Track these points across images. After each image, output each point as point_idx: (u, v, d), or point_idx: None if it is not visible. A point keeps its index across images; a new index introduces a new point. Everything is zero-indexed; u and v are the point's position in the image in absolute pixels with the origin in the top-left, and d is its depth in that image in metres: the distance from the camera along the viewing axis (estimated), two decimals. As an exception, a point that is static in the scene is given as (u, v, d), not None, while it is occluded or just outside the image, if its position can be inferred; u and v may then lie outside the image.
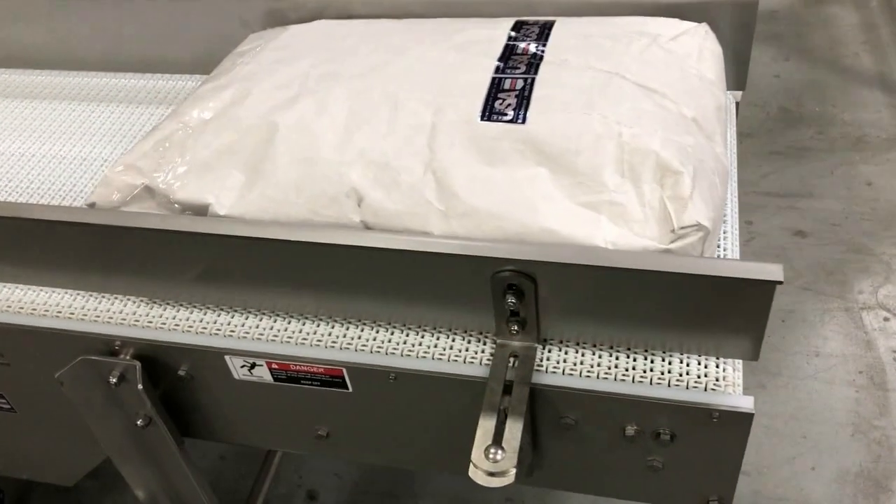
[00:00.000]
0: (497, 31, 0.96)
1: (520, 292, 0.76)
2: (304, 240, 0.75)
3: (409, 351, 0.86)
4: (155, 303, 0.95)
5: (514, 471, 0.74)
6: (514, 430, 0.76)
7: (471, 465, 0.74)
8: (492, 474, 0.73)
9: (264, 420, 0.98)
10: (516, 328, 0.80)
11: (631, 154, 0.77)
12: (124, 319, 0.93)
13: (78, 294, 0.97)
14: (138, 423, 0.96)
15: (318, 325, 0.90)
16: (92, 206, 0.89)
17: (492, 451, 0.75)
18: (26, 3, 1.29)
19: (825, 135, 2.42)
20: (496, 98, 0.84)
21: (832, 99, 2.56)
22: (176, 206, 0.86)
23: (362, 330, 0.88)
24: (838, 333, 1.81)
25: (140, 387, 0.90)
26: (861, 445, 1.58)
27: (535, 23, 0.97)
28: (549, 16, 1.02)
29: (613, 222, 0.75)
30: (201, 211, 0.84)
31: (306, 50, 0.98)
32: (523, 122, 0.81)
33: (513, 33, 0.95)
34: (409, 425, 0.91)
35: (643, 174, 0.76)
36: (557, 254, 0.71)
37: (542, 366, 0.83)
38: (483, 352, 0.85)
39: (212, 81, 0.97)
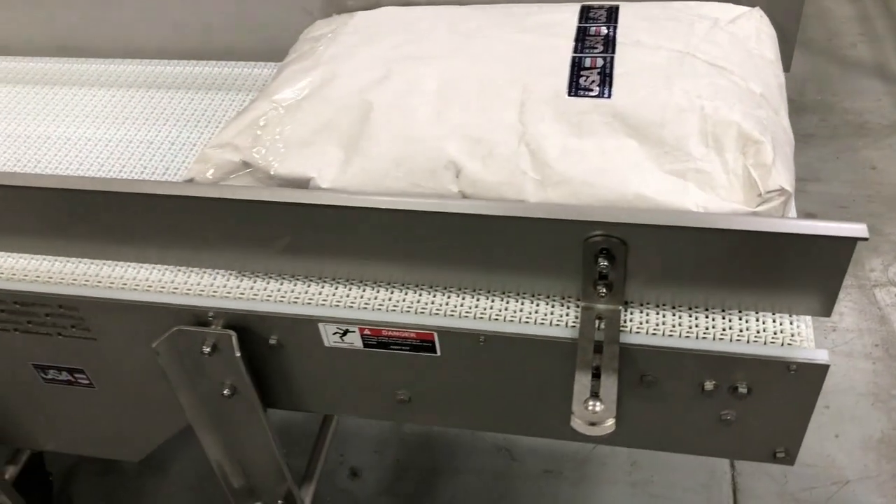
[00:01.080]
0: (564, 15, 1.01)
1: (611, 256, 0.82)
2: (416, 209, 0.80)
3: (497, 315, 0.91)
4: (244, 275, 0.99)
5: (612, 420, 0.79)
6: (610, 385, 0.81)
7: (572, 415, 0.80)
8: (592, 423, 0.79)
9: (347, 387, 1.02)
10: (604, 291, 0.86)
11: (714, 125, 0.83)
12: (216, 292, 0.97)
13: (167, 269, 1.01)
14: (224, 392, 1.00)
15: (407, 293, 0.94)
16: (189, 181, 0.93)
17: (590, 402, 0.80)
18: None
19: (828, 122, 2.50)
20: (580, 75, 0.89)
21: (832, 88, 2.65)
22: (273, 180, 0.91)
23: (449, 297, 0.93)
24: (853, 309, 1.88)
25: (237, 354, 0.94)
26: (882, 413, 1.65)
27: (601, 7, 1.02)
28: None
29: (700, 188, 0.81)
30: (302, 185, 0.89)
31: (382, 33, 1.03)
32: (609, 96, 0.86)
33: (581, 17, 1.00)
34: (494, 387, 0.96)
35: (726, 144, 0.82)
36: (656, 217, 0.77)
37: (625, 327, 0.88)
38: (567, 315, 0.90)
39: (294, 64, 1.01)
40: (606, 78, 0.89)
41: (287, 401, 1.06)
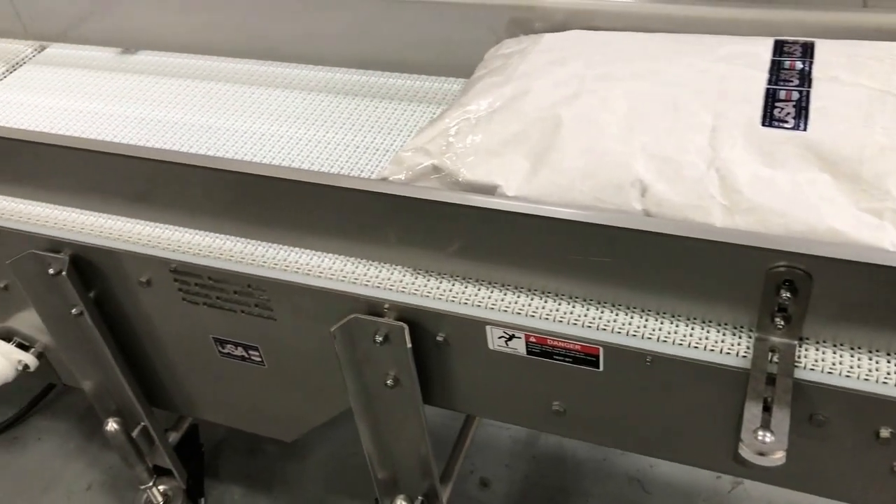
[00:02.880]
0: (758, 48, 1.02)
1: (794, 288, 0.81)
2: (603, 223, 0.83)
3: (666, 337, 0.91)
4: (420, 273, 1.04)
5: (782, 453, 0.78)
6: (782, 418, 0.80)
7: (740, 443, 0.79)
8: (761, 454, 0.78)
9: (504, 392, 1.05)
10: (782, 324, 0.85)
11: (917, 166, 0.81)
12: (392, 286, 1.03)
13: (349, 260, 1.07)
14: (388, 382, 1.06)
15: (575, 306, 0.96)
16: (384, 179, 1.00)
17: (760, 433, 0.79)
18: (289, 4, 1.43)
19: None
20: (774, 106, 0.89)
21: None
22: (460, 185, 0.95)
23: (618, 314, 0.95)
24: None
25: (409, 346, 0.99)
26: None
27: (796, 42, 1.02)
28: (780, 35, 1.07)
29: (897, 228, 0.79)
30: (488, 191, 0.93)
31: (572, 54, 1.06)
32: (804, 129, 0.86)
33: (775, 51, 1.00)
34: (653, 410, 0.96)
35: (930, 186, 0.80)
36: (849, 252, 0.76)
37: (799, 362, 0.87)
38: (739, 344, 0.89)
39: (487, 78, 1.06)
40: (802, 111, 0.88)
41: (444, 399, 1.10)
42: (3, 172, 1.24)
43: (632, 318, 0.94)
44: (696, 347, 0.90)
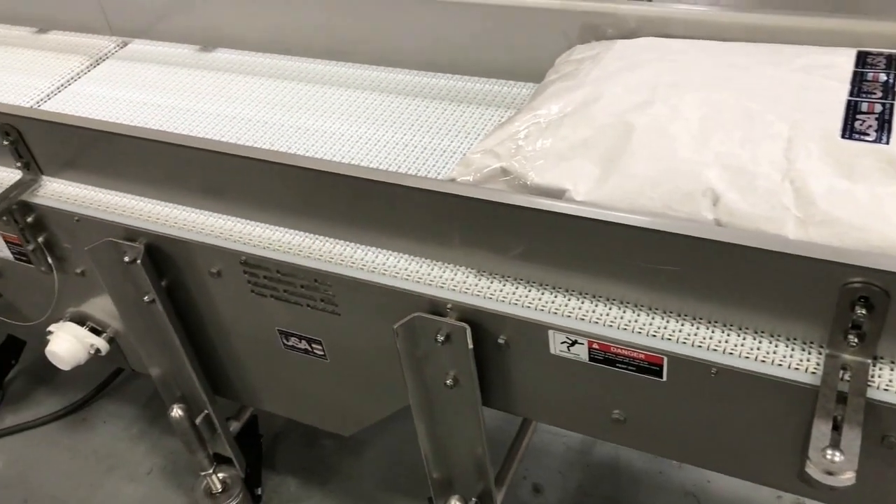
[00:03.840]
0: (839, 59, 0.99)
1: (870, 305, 0.79)
2: (675, 231, 0.82)
3: (733, 350, 0.90)
4: (482, 274, 1.04)
5: (852, 473, 0.76)
6: (853, 438, 0.78)
7: (807, 461, 0.77)
8: (829, 473, 0.76)
9: (564, 397, 1.05)
10: (855, 341, 0.83)
11: None
12: (455, 286, 1.04)
13: (413, 258, 1.08)
14: (447, 382, 1.06)
15: (640, 315, 0.96)
16: (452, 180, 1.01)
17: (829, 451, 0.77)
18: (363, 6, 1.45)
19: None
20: (855, 119, 0.87)
21: None
22: (528, 188, 0.95)
23: (683, 325, 0.94)
24: None
25: (470, 347, 1.00)
26: None
27: (880, 54, 0.99)
28: (863, 46, 1.04)
29: (983, 247, 0.76)
30: (556, 195, 0.93)
31: (645, 61, 1.05)
32: (887, 143, 0.84)
33: (858, 62, 0.98)
34: (716, 422, 0.94)
35: None
36: (930, 270, 0.74)
37: (872, 382, 0.84)
38: (808, 360, 0.87)
39: (559, 83, 1.06)
40: (885, 124, 0.86)
41: (502, 401, 1.10)
42: (84, 162, 1.29)
43: (697, 328, 0.93)
44: (763, 361, 0.88)
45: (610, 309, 0.97)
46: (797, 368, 0.87)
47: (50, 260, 1.38)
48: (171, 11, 1.68)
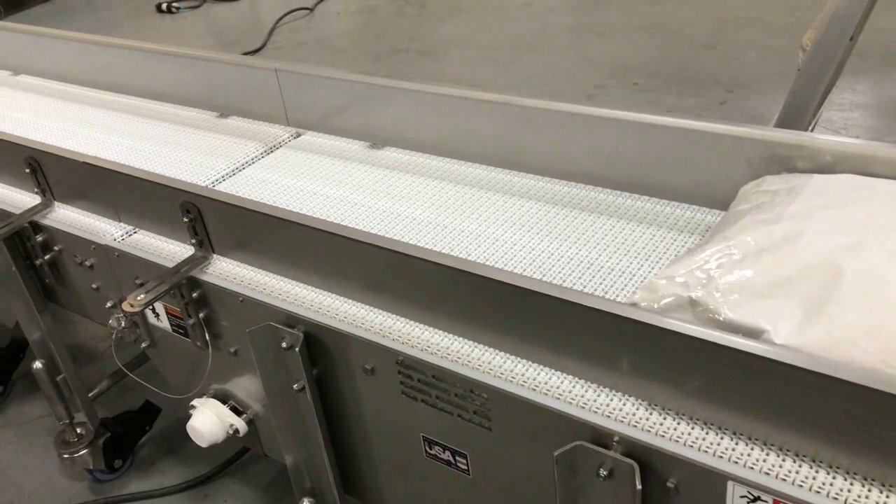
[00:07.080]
0: None
1: None
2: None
3: (950, 534, 0.79)
4: (655, 409, 0.97)
5: None
6: None
7: None
8: None
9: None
10: None
11: None
12: (623, 418, 0.97)
13: (578, 381, 1.03)
14: (606, 520, 0.98)
15: (836, 477, 0.85)
16: (633, 305, 0.95)
17: None
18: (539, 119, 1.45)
19: None
20: None
21: None
22: (719, 323, 0.89)
23: (889, 496, 0.83)
24: None
25: (639, 487, 0.92)
26: None
27: None
28: None
29: None
30: (751, 334, 0.86)
31: (850, 199, 0.99)
32: None
33: None
34: None
35: None
36: None
37: None
38: None
39: (753, 214, 1.01)
40: None
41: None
42: (254, 245, 1.33)
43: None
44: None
45: (800, 466, 0.88)
46: None
47: (207, 336, 1.41)
48: (344, 108, 1.75)
